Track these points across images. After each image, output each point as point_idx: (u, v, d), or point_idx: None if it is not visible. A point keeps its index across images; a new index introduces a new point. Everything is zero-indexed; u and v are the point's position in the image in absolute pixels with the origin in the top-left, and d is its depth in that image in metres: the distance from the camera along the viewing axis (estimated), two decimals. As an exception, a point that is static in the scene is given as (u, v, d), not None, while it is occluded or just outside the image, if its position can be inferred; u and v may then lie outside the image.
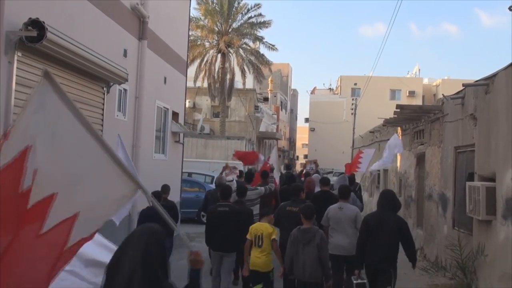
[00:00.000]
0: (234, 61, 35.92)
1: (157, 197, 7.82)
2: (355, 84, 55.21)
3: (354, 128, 42.85)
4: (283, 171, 18.33)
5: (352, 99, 49.80)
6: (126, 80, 9.63)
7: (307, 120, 64.21)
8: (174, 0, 13.90)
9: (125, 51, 10.24)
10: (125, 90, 10.37)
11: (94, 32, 8.75)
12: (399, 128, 15.25)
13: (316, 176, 12.39)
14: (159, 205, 3.16)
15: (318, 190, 9.78)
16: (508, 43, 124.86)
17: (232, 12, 35.83)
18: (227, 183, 9.62)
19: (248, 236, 7.03)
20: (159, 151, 13.05)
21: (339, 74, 71.70)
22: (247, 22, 36.33)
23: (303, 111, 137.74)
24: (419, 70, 62.54)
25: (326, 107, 56.82)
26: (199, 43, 35.83)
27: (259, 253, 6.93)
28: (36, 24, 6.33)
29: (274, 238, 6.94)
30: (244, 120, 39.01)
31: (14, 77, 6.30)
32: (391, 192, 7.27)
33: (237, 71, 35.64)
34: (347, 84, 57.87)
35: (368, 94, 45.27)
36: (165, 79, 13.13)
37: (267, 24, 36.17)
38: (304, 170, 17.48)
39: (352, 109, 46.81)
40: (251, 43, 37.27)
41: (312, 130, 59.25)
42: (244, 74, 35.64)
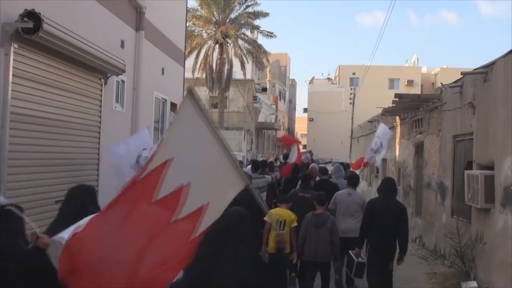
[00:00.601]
0: (232, 51, 35.80)
1: None
2: (354, 73, 55.09)
3: (352, 117, 42.81)
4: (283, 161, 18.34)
5: (351, 89, 49.71)
6: (124, 71, 9.59)
7: (305, 110, 64.12)
8: (171, -10, 13.82)
9: (122, 42, 10.19)
10: (122, 81, 10.33)
11: (91, 23, 8.70)
12: (397, 117, 15.24)
13: (313, 166, 12.79)
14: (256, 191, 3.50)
15: (318, 179, 10.29)
16: (508, 31, 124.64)
17: (230, 2, 35.65)
18: None
19: (267, 219, 6.81)
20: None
21: (337, 63, 71.69)
22: (245, 11, 36.19)
23: (301, 101, 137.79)
24: (418, 59, 62.60)
25: (325, 97, 56.73)
26: (196, 34, 35.68)
27: None
28: (32, 15, 6.29)
29: (295, 226, 7.29)
30: (242, 110, 38.97)
31: (11, 69, 6.27)
32: (392, 179, 8.15)
33: (235, 61, 35.52)
34: (345, 74, 57.74)
35: (367, 84, 45.17)
36: (163, 70, 13.09)
37: (264, 14, 36.05)
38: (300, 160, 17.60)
39: (350, 98, 46.74)
40: (248, 33, 37.16)
41: (310, 120, 59.21)
42: (243, 65, 35.54)
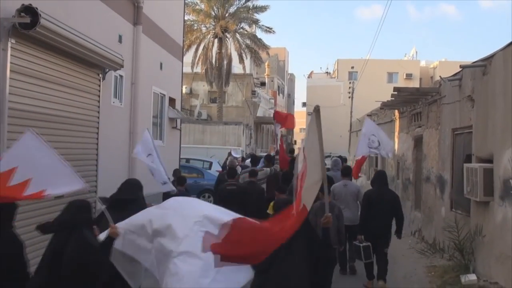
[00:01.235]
0: (231, 46, 35.70)
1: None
2: (352, 67, 54.96)
3: (351, 111, 42.77)
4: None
5: (349, 83, 49.61)
6: (122, 66, 9.56)
7: (304, 104, 64.03)
8: (168, -16, 13.76)
9: (120, 37, 10.15)
10: (121, 76, 10.31)
11: (88, 17, 8.66)
12: (396, 111, 15.23)
13: None
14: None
15: None
16: (508, 24, 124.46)
17: (229, -4, 35.54)
18: (237, 165, 12.14)
19: (269, 211, 7.46)
20: (157, 137, 13.01)
21: (336, 57, 71.47)
22: (244, 6, 36.06)
23: (300, 95, 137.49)
24: (416, 52, 62.35)
25: (323, 91, 56.61)
26: (195, 28, 35.59)
27: None
28: (29, 10, 6.26)
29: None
30: (241, 105, 38.88)
31: (9, 64, 6.24)
32: (384, 171, 9.54)
33: (234, 56, 35.43)
34: (344, 68, 57.61)
35: (365, 78, 45.09)
36: (161, 64, 13.06)
37: (263, 8, 35.92)
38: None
39: (349, 92, 46.67)
40: (247, 27, 37.04)
41: (309, 114, 58.95)
42: (242, 59, 35.46)
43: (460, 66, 9.06)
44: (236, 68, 36.59)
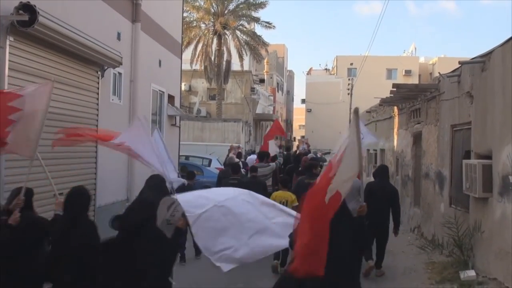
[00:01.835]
0: (230, 43, 35.64)
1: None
2: (351, 64, 54.91)
3: (350, 108, 42.72)
4: (285, 152, 18.61)
5: (349, 79, 49.58)
6: (121, 63, 9.56)
7: (303, 101, 63.99)
8: (167, -19, 13.74)
9: (118, 34, 10.14)
10: (119, 73, 10.30)
11: (87, 15, 8.65)
12: (395, 107, 15.23)
13: (310, 156, 14.92)
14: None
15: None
16: (507, 20, 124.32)
17: (228, -7, 35.46)
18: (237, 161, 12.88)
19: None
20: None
21: (335, 54, 71.28)
22: (243, 3, 35.99)
23: (299, 92, 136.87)
24: (415, 49, 62.22)
25: (323, 87, 56.59)
26: (194, 25, 35.53)
27: None
28: (27, 8, 6.26)
29: (296, 205, 7.68)
30: (240, 102, 38.84)
31: (7, 62, 6.25)
32: (386, 165, 10.37)
33: (233, 53, 35.37)
34: (343, 64, 57.58)
35: (364, 74, 45.06)
36: (160, 62, 13.05)
37: (262, 4, 35.86)
38: (298, 151, 19.58)
39: (348, 89, 46.66)
40: (247, 24, 36.96)
41: (308, 111, 59.11)
42: (241, 56, 35.40)
43: (459, 62, 9.06)
44: (235, 65, 36.53)
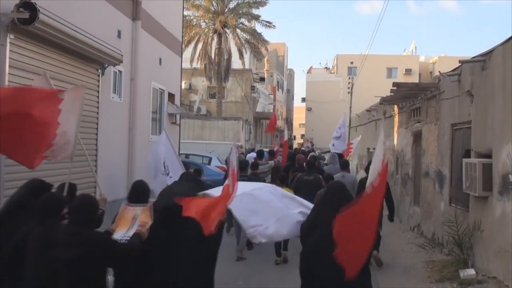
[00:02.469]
0: (231, 41, 35.62)
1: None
2: (352, 62, 54.85)
3: (350, 107, 42.68)
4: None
5: (349, 78, 49.50)
6: (121, 61, 9.56)
7: (303, 99, 63.97)
8: (167, -21, 13.73)
9: (119, 32, 10.14)
10: (120, 71, 10.30)
11: (87, 13, 8.65)
12: (395, 106, 15.22)
13: (301, 155, 15.03)
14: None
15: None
16: (507, 19, 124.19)
17: (228, -9, 35.44)
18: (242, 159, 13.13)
19: None
20: (156, 133, 13.02)
21: (335, 53, 71.33)
22: (244, 1, 35.96)
23: (299, 90, 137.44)
24: (416, 47, 62.20)
25: (323, 86, 56.58)
26: (195, 23, 35.52)
27: None
28: (28, 6, 6.26)
29: None
30: (240, 100, 38.85)
31: (7, 60, 6.25)
32: None
33: (233, 51, 35.35)
34: (343, 63, 57.52)
35: (365, 73, 44.99)
36: (160, 60, 13.05)
37: (263, 3, 35.83)
38: (302, 148, 19.39)
39: (348, 88, 46.59)
40: (247, 22, 36.93)
41: (309, 109, 59.10)
42: (241, 55, 35.39)
43: (459, 61, 9.06)
44: (235, 63, 36.52)
